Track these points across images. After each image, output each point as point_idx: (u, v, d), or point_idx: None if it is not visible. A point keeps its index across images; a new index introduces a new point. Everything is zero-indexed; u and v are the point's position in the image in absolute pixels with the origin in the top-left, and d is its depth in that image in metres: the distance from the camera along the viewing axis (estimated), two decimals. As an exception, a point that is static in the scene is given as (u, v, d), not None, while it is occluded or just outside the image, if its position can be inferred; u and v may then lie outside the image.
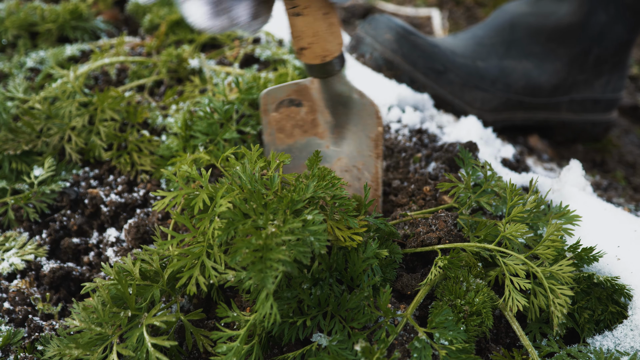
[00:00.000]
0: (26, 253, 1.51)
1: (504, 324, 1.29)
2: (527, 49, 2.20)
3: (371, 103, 1.43)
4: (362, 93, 1.43)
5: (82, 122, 1.69)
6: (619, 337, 1.22)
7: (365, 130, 1.47)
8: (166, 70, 2.00)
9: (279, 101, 1.49)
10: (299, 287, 1.14)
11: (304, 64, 1.36)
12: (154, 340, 1.10)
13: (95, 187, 1.67)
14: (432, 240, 1.32)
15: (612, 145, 2.51)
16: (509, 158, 1.85)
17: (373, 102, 1.43)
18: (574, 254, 1.28)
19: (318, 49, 1.31)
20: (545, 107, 2.27)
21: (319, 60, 1.32)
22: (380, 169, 1.49)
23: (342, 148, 1.52)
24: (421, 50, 2.05)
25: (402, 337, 1.15)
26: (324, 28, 1.28)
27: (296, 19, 1.26)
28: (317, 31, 1.28)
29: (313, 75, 1.36)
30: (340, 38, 1.33)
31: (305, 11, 1.25)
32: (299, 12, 1.25)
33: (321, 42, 1.30)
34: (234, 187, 1.12)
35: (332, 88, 1.41)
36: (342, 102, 1.45)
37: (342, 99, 1.44)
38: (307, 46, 1.30)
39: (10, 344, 1.32)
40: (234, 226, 1.04)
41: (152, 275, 1.21)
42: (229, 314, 1.11)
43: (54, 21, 2.30)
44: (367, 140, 1.47)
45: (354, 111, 1.46)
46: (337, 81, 1.41)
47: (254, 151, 1.20)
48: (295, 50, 1.33)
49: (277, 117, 1.51)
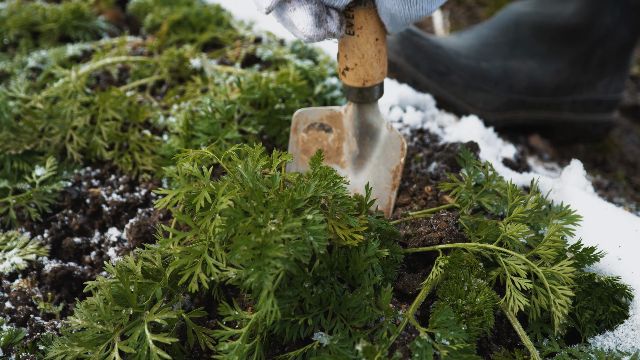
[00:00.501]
0: (28, 253, 1.51)
1: (505, 324, 1.30)
2: (532, 49, 2.20)
3: (399, 136, 1.45)
4: (392, 126, 1.45)
5: (84, 122, 1.70)
6: (620, 337, 1.22)
7: (387, 163, 1.49)
8: (168, 70, 2.00)
9: (310, 123, 1.52)
10: (300, 286, 1.14)
11: (343, 85, 1.38)
12: (156, 338, 1.11)
13: (96, 186, 1.68)
14: (433, 240, 1.32)
15: (613, 145, 2.51)
16: (510, 158, 1.85)
17: (401, 135, 1.45)
18: (575, 254, 1.28)
19: (362, 72, 1.33)
20: (547, 106, 2.27)
21: (360, 83, 1.34)
22: (393, 199, 1.51)
23: (359, 179, 1.54)
24: (424, 52, 2.05)
25: (403, 337, 1.15)
26: (372, 53, 1.30)
27: (349, 38, 1.28)
28: (365, 54, 1.30)
29: (349, 97, 1.38)
30: (385, 67, 1.35)
31: (359, 32, 1.27)
32: (353, 31, 1.27)
33: (366, 66, 1.32)
34: (236, 185, 1.12)
35: (364, 117, 1.44)
36: (371, 133, 1.47)
37: (372, 130, 1.46)
38: (352, 67, 1.32)
39: (12, 344, 1.32)
40: (234, 224, 1.05)
41: (154, 274, 1.22)
42: (230, 312, 1.11)
43: (55, 21, 2.31)
44: (387, 172, 1.50)
45: (380, 144, 1.48)
46: (370, 110, 1.43)
47: (257, 149, 1.20)
48: (340, 69, 1.35)
49: (305, 138, 1.53)
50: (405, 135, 1.79)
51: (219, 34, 2.24)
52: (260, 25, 2.34)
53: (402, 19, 1.25)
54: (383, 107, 1.90)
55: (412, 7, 1.21)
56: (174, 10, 2.35)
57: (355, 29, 1.27)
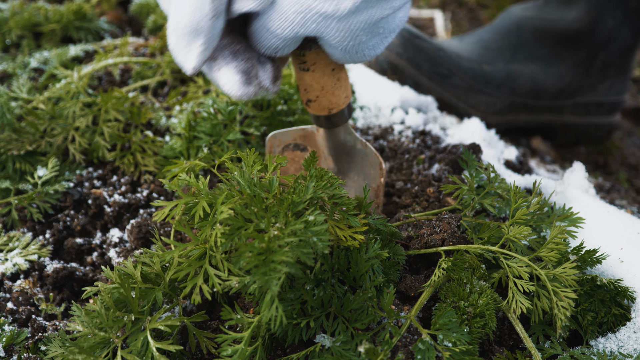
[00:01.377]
0: (30, 253, 1.51)
1: (507, 326, 1.29)
2: (534, 53, 2.20)
3: (375, 154, 1.45)
4: (366, 144, 1.45)
5: (86, 123, 1.70)
6: (622, 340, 1.22)
7: (367, 180, 1.49)
8: (170, 71, 2.00)
9: (284, 144, 1.52)
10: (302, 288, 1.14)
11: (310, 114, 1.38)
12: (159, 345, 1.10)
13: (98, 187, 1.68)
14: (435, 241, 1.32)
15: (614, 147, 2.51)
16: (512, 160, 1.85)
17: (377, 153, 1.45)
18: (577, 256, 1.28)
19: (325, 102, 1.32)
20: (549, 109, 2.27)
21: (325, 112, 1.34)
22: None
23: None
24: (426, 54, 2.05)
25: (405, 339, 1.15)
26: (331, 83, 1.30)
27: (304, 73, 1.28)
28: (324, 86, 1.29)
29: (319, 125, 1.38)
30: (348, 91, 1.34)
31: (313, 67, 1.26)
32: (308, 67, 1.26)
33: (328, 95, 1.31)
34: (234, 193, 1.12)
35: (336, 137, 1.43)
36: (346, 151, 1.46)
37: (346, 148, 1.46)
38: (314, 99, 1.32)
39: (14, 344, 1.32)
40: (237, 233, 1.04)
41: (154, 278, 1.21)
42: (232, 316, 1.11)
43: (57, 21, 2.31)
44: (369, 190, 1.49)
45: (356, 160, 1.48)
46: (342, 130, 1.42)
47: (250, 154, 1.19)
48: (303, 101, 1.35)
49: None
50: (407, 137, 1.79)
51: (221, 35, 2.24)
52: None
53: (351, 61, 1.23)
54: (385, 109, 1.90)
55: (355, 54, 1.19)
56: (176, 12, 2.35)
57: (309, 65, 1.26)
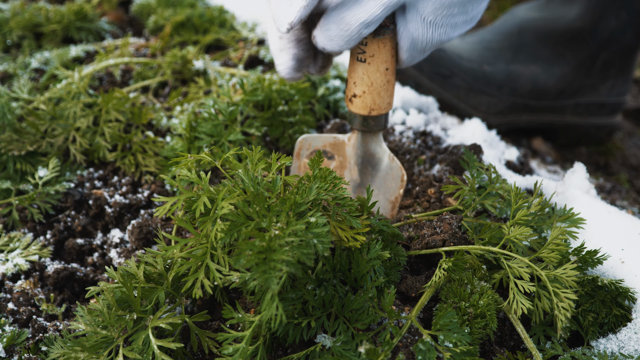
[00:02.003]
0: (30, 254, 1.51)
1: (508, 327, 1.29)
2: (535, 53, 2.20)
3: (399, 167, 1.46)
4: (393, 157, 1.46)
5: (87, 123, 1.70)
6: (623, 340, 1.22)
7: (387, 193, 1.49)
8: (171, 72, 2.00)
9: (313, 149, 1.52)
10: (303, 288, 1.14)
11: (349, 112, 1.39)
12: (160, 343, 1.10)
13: (99, 188, 1.68)
14: (436, 242, 1.32)
15: (615, 148, 2.50)
16: (513, 160, 1.85)
17: (402, 166, 1.46)
18: (578, 257, 1.28)
19: (369, 100, 1.33)
20: (550, 110, 2.27)
21: (366, 111, 1.35)
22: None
23: None
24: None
25: (406, 339, 1.15)
26: (381, 82, 1.31)
27: (359, 65, 1.29)
28: (373, 82, 1.31)
29: (354, 125, 1.39)
30: (392, 99, 1.36)
31: (370, 59, 1.28)
32: (365, 58, 1.28)
33: (374, 94, 1.32)
34: (236, 189, 1.12)
35: (367, 146, 1.44)
36: (373, 163, 1.47)
37: (374, 160, 1.47)
38: (359, 94, 1.33)
39: (14, 345, 1.32)
40: (237, 228, 1.05)
41: (156, 278, 1.21)
42: (234, 315, 1.11)
43: (58, 22, 2.31)
44: (386, 202, 1.50)
45: (380, 174, 1.48)
46: (374, 140, 1.44)
47: (255, 152, 1.20)
48: (347, 96, 1.36)
49: (307, 163, 1.54)
50: (408, 137, 1.79)
51: (222, 36, 2.24)
52: (263, 27, 2.34)
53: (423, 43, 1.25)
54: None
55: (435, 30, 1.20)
56: (177, 12, 2.35)
57: (367, 56, 1.28)
